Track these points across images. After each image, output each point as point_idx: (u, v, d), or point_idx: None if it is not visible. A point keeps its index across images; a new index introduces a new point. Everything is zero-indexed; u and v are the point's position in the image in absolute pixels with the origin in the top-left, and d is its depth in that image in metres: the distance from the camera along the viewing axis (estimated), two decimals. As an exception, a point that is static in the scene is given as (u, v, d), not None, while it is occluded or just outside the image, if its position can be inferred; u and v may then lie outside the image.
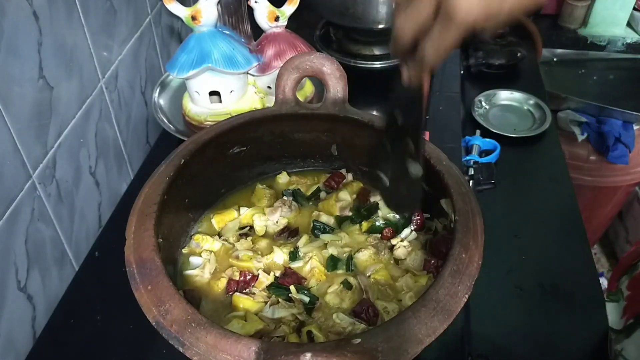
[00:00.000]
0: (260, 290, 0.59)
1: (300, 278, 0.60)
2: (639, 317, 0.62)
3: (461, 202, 0.53)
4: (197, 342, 0.42)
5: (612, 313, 0.68)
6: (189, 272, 0.61)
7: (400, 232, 0.65)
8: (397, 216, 0.67)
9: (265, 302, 0.57)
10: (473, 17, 0.37)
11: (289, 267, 0.61)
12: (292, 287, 0.58)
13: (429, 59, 0.41)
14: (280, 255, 0.62)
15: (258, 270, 0.60)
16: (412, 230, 0.64)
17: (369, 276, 0.60)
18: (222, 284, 0.60)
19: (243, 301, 0.57)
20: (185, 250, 0.64)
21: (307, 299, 0.57)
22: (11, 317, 0.62)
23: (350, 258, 0.61)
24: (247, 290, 0.59)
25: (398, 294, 0.58)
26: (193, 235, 0.65)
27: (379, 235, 0.65)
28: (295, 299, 0.58)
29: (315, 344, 0.49)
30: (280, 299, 0.58)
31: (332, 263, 0.61)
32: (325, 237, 0.65)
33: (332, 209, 0.69)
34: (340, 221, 0.67)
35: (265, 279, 0.59)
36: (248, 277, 0.59)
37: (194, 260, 0.63)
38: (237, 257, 0.62)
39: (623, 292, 0.67)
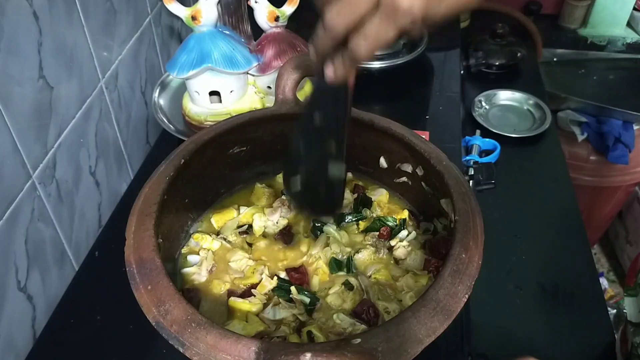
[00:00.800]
0: (261, 294, 0.59)
1: (305, 276, 0.60)
2: None
3: (461, 202, 0.53)
4: (197, 342, 0.42)
5: (630, 307, 0.68)
6: (186, 269, 0.61)
7: (397, 233, 0.65)
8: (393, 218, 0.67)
9: (264, 304, 0.57)
10: (416, 9, 0.36)
11: (303, 265, 0.62)
12: (292, 288, 0.58)
13: (361, 53, 0.39)
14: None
15: (262, 274, 0.60)
16: (408, 233, 0.65)
17: (370, 276, 0.60)
18: (224, 287, 0.60)
19: (240, 305, 0.57)
20: (184, 250, 0.64)
21: (307, 300, 0.57)
22: (11, 317, 0.62)
23: (350, 259, 0.62)
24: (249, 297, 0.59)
25: (399, 294, 0.58)
26: (192, 234, 0.66)
27: (377, 234, 0.65)
28: (296, 299, 0.58)
29: (315, 344, 0.49)
30: (281, 300, 0.58)
31: (334, 265, 0.61)
32: (329, 231, 0.65)
33: (332, 207, 0.69)
34: (339, 220, 0.67)
35: (268, 283, 0.59)
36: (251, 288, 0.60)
37: (191, 258, 0.63)
38: (242, 274, 0.61)
39: None
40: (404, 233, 0.64)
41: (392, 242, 0.63)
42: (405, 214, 0.67)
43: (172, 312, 0.44)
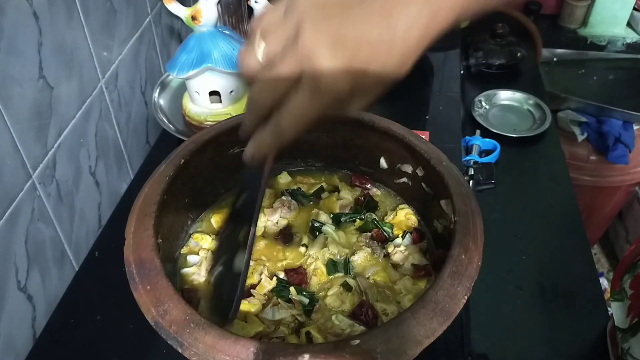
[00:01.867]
0: (260, 294, 0.59)
1: (304, 277, 0.60)
2: None
3: (461, 203, 0.53)
4: (196, 342, 0.42)
5: (617, 312, 0.68)
6: (185, 270, 0.61)
7: (392, 240, 0.65)
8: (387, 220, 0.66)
9: (263, 305, 0.57)
10: (341, 85, 0.33)
11: (302, 266, 0.62)
12: (292, 289, 0.58)
13: (284, 129, 0.37)
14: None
15: (261, 275, 0.60)
16: (403, 240, 0.64)
17: (368, 278, 0.60)
18: None
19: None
20: (184, 250, 0.64)
21: (306, 301, 0.57)
22: (11, 317, 0.62)
23: (347, 261, 0.62)
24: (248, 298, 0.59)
25: (397, 296, 0.58)
26: (192, 234, 0.66)
27: (370, 234, 0.65)
28: (295, 300, 0.58)
29: (314, 345, 0.49)
30: (280, 300, 0.58)
31: (332, 266, 0.61)
32: (327, 231, 0.65)
33: (332, 206, 0.69)
34: (338, 220, 0.67)
35: (268, 284, 0.59)
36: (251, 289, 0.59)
37: (191, 258, 0.63)
38: None
39: (627, 291, 0.67)
40: (398, 241, 0.64)
41: (389, 249, 0.63)
42: (410, 227, 0.67)
43: (171, 313, 0.44)
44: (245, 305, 0.57)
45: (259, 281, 0.59)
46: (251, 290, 0.58)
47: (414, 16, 0.33)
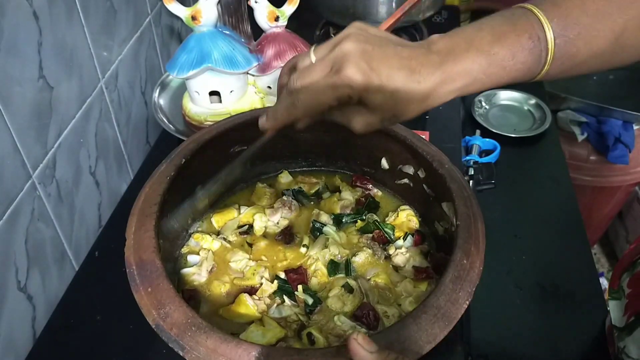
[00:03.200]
0: (264, 297, 0.59)
1: (304, 277, 0.60)
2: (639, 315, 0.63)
3: (463, 206, 0.53)
4: (197, 345, 0.42)
5: (615, 311, 0.68)
6: (186, 270, 0.61)
7: (394, 242, 0.65)
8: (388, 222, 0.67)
9: (268, 307, 0.57)
10: (355, 81, 0.41)
11: (302, 266, 0.62)
12: (299, 287, 0.58)
13: (296, 108, 0.45)
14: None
15: (262, 278, 0.60)
16: (404, 242, 0.64)
17: (369, 279, 0.60)
18: (224, 288, 0.60)
19: (246, 305, 0.57)
20: (184, 249, 0.64)
21: (310, 300, 0.57)
22: (11, 317, 0.62)
23: (348, 262, 0.62)
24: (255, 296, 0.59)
25: (398, 299, 0.58)
26: (193, 233, 0.66)
27: (371, 236, 0.65)
28: (299, 298, 0.58)
29: (316, 349, 0.49)
30: (285, 297, 0.58)
31: (332, 268, 0.61)
32: (328, 231, 0.65)
33: (333, 206, 0.69)
34: (339, 221, 0.67)
35: (269, 287, 0.59)
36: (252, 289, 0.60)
37: (191, 258, 0.63)
38: (242, 275, 0.62)
39: (624, 289, 0.67)
40: (399, 242, 0.64)
41: (390, 251, 0.63)
42: (411, 229, 0.66)
43: (172, 315, 0.44)
44: (249, 309, 0.57)
45: (260, 285, 0.59)
46: (255, 295, 0.59)
47: (424, 77, 0.42)
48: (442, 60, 0.42)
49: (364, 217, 0.67)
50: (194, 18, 0.78)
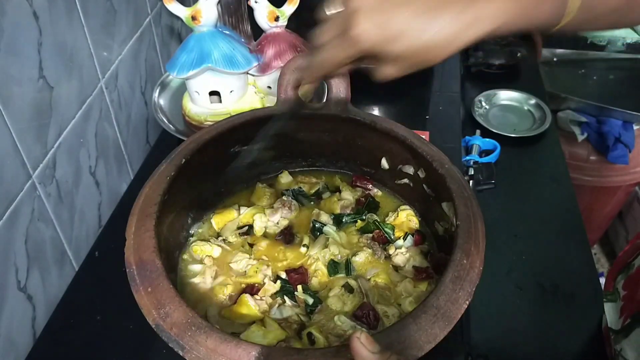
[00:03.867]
0: (267, 296, 0.59)
1: (305, 277, 0.60)
2: (635, 317, 0.62)
3: (463, 207, 0.53)
4: (197, 345, 0.42)
5: (610, 313, 0.68)
6: (191, 280, 0.61)
7: (394, 241, 0.65)
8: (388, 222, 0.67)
9: (270, 307, 0.57)
10: (365, 40, 0.41)
11: (302, 266, 0.62)
12: (299, 287, 0.58)
13: (313, 68, 0.48)
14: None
15: (265, 278, 0.60)
16: (404, 242, 0.64)
17: (369, 279, 0.60)
18: (227, 290, 0.60)
19: (248, 305, 0.57)
20: (185, 256, 0.64)
21: (311, 300, 0.57)
22: (11, 317, 0.62)
23: (348, 262, 0.62)
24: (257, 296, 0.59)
25: (398, 298, 0.58)
26: (192, 245, 0.65)
27: (371, 236, 0.65)
28: (300, 299, 0.58)
29: (316, 349, 0.49)
30: (286, 298, 0.58)
31: (332, 267, 0.61)
32: (328, 231, 0.65)
33: (333, 206, 0.69)
34: (339, 221, 0.67)
35: (271, 287, 0.59)
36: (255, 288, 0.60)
37: (193, 267, 0.63)
38: (244, 274, 0.61)
39: (619, 291, 0.67)
40: (399, 242, 0.64)
41: (390, 251, 0.63)
42: (411, 229, 0.66)
43: (172, 315, 0.44)
44: (251, 309, 0.56)
45: (263, 283, 0.59)
46: (257, 295, 0.59)
47: (448, 22, 0.40)
48: (466, 4, 0.41)
49: (364, 217, 0.67)
50: (194, 18, 0.78)
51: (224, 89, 0.83)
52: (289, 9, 0.83)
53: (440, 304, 0.44)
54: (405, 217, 0.67)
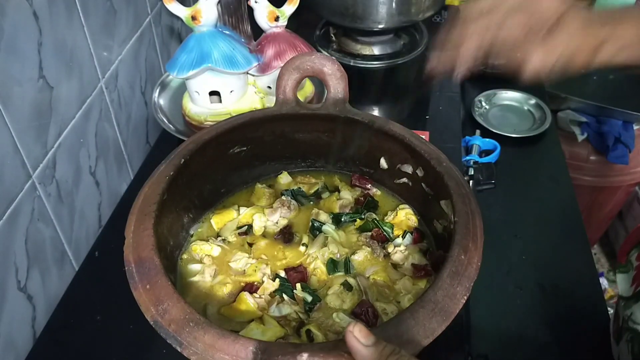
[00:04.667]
0: (265, 294, 0.59)
1: (304, 275, 0.60)
2: None
3: (461, 204, 0.53)
4: (195, 341, 0.42)
5: (622, 283, 0.70)
6: (190, 279, 0.61)
7: (393, 240, 0.65)
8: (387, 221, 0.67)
9: (268, 305, 0.57)
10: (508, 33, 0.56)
11: (301, 265, 0.62)
12: (298, 285, 0.58)
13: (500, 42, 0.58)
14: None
15: (264, 276, 0.60)
16: (403, 240, 0.64)
17: (368, 277, 0.60)
18: (226, 289, 0.60)
19: (247, 303, 0.57)
20: (185, 256, 0.64)
21: (309, 298, 0.57)
22: (11, 317, 0.62)
23: (348, 260, 0.62)
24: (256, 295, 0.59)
25: (397, 296, 0.58)
26: (191, 244, 0.65)
27: (370, 234, 0.65)
28: (298, 296, 0.58)
29: (313, 344, 0.49)
30: (285, 296, 0.58)
31: (332, 266, 0.61)
32: (327, 230, 0.65)
33: (332, 206, 0.69)
34: (338, 220, 0.67)
35: (270, 286, 0.59)
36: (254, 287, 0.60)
37: (193, 267, 0.63)
38: (243, 272, 0.62)
39: (633, 263, 0.70)
40: (398, 240, 0.64)
41: (389, 249, 0.63)
42: (410, 227, 0.66)
43: (170, 312, 0.44)
44: (250, 307, 0.57)
45: (262, 282, 0.59)
46: (256, 293, 0.59)
47: (558, 53, 0.53)
48: (604, 23, 0.50)
49: (363, 216, 0.67)
50: (194, 18, 0.78)
51: (224, 89, 0.83)
52: (289, 9, 0.83)
53: (438, 298, 0.44)
54: (404, 216, 0.67)
